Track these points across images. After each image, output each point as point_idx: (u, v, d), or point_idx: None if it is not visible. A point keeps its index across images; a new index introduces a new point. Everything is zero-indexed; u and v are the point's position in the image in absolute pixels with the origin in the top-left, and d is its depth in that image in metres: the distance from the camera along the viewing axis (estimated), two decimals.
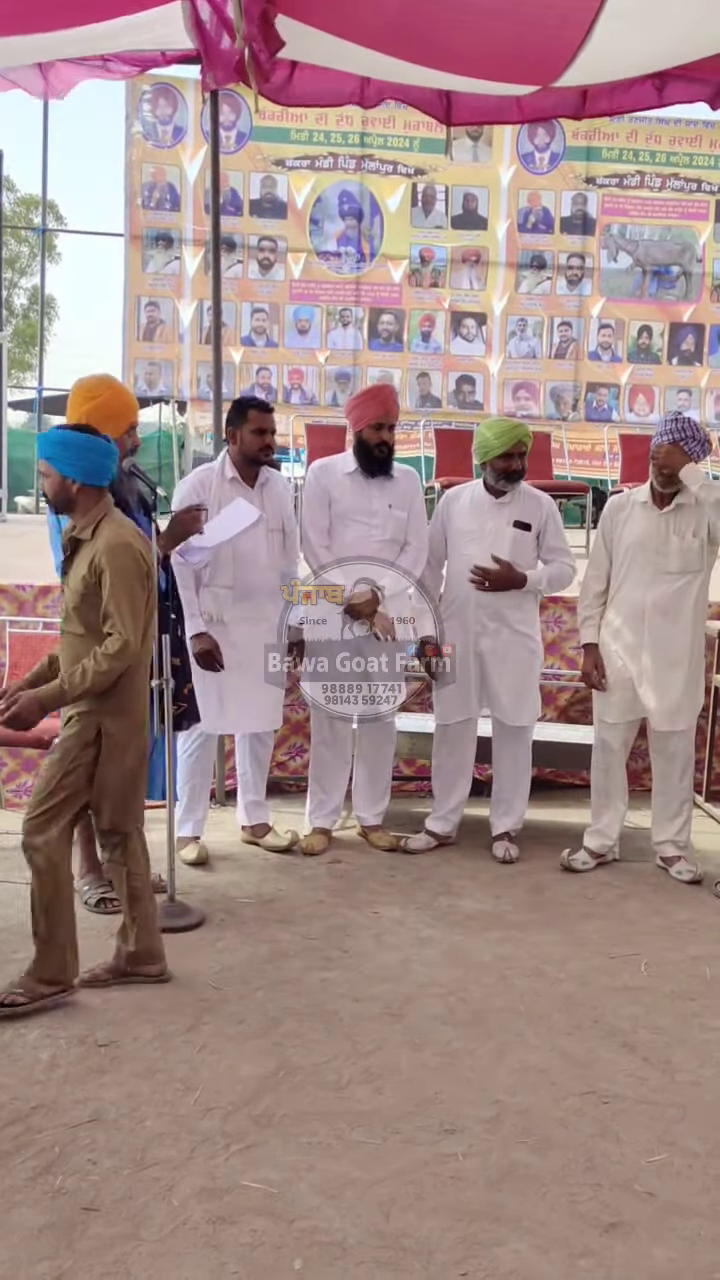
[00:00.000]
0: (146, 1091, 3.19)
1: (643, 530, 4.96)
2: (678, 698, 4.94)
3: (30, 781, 5.79)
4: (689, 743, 5.07)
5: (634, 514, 5.02)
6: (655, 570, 4.92)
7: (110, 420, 4.34)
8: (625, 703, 5.04)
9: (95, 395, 4.37)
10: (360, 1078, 3.30)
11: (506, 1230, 2.65)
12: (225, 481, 4.97)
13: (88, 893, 4.52)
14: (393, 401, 5.20)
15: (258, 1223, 2.64)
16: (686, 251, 13.70)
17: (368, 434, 5.06)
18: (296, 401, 13.25)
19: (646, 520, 4.97)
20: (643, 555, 4.95)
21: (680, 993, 3.94)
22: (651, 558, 4.93)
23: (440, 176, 13.27)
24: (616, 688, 5.03)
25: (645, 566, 4.94)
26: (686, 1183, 2.87)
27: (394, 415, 5.14)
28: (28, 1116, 3.05)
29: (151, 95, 12.66)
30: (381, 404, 5.10)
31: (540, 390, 13.61)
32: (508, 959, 4.15)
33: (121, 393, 4.46)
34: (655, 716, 4.97)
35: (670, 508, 4.93)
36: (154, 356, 13.14)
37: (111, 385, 4.45)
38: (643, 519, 4.99)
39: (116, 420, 4.34)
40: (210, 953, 4.12)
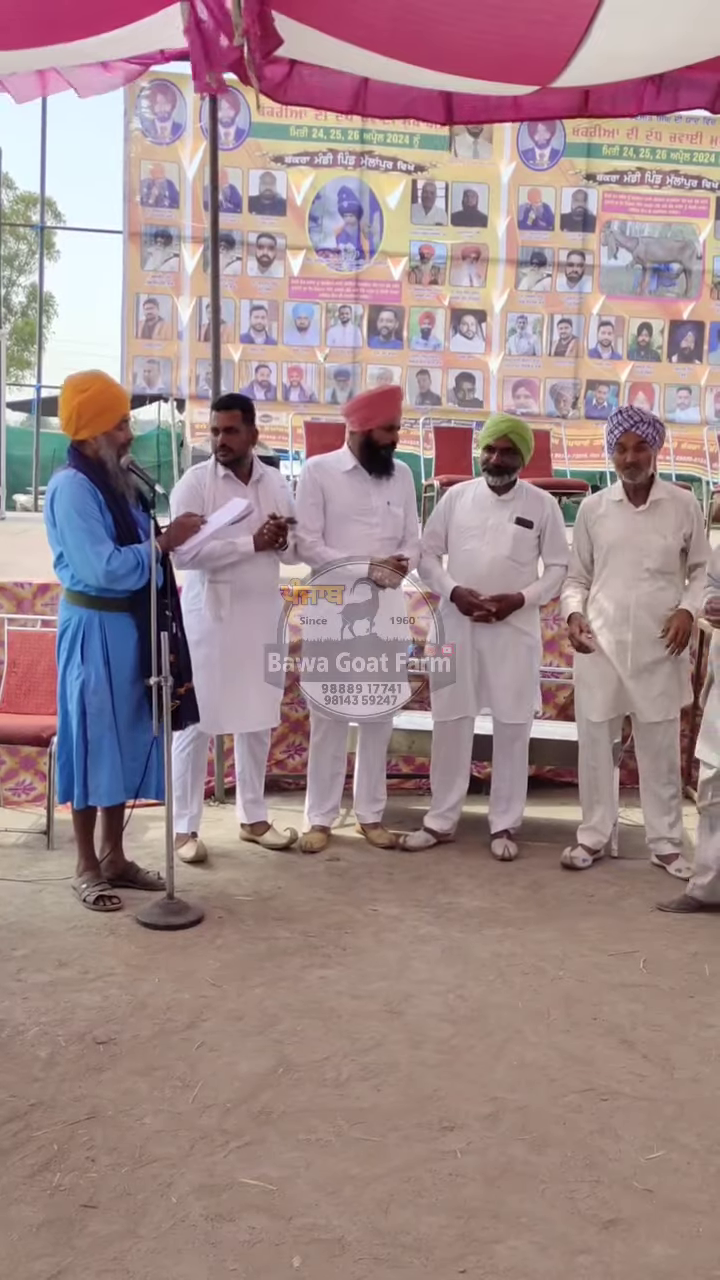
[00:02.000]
0: (145, 1089, 3.19)
1: (622, 530, 4.96)
2: (662, 688, 4.96)
3: (28, 780, 5.79)
4: (674, 736, 5.08)
5: (610, 513, 5.02)
6: (637, 569, 4.92)
7: (100, 414, 4.35)
8: (610, 700, 5.04)
9: (84, 389, 4.39)
10: (359, 1075, 3.30)
11: (505, 1227, 2.65)
12: (218, 479, 4.97)
13: (85, 890, 4.51)
14: (398, 402, 5.31)
15: (256, 1220, 2.65)
16: (687, 249, 13.67)
17: (379, 434, 5.06)
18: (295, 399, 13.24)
19: (624, 520, 4.97)
20: (624, 555, 4.95)
21: (679, 990, 3.94)
22: (633, 556, 4.93)
23: (440, 173, 13.24)
24: (601, 686, 5.03)
25: (627, 566, 4.94)
26: (685, 1179, 2.87)
27: (399, 417, 5.22)
28: (26, 1114, 3.05)
29: (150, 92, 12.63)
30: (396, 405, 5.21)
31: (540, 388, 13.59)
32: (507, 956, 4.15)
33: (110, 386, 4.46)
34: (641, 710, 4.97)
35: (646, 506, 4.94)
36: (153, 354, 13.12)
37: (100, 379, 4.46)
38: (620, 518, 4.99)
39: (106, 413, 4.36)
40: (209, 950, 4.12)
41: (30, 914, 4.40)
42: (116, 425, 4.38)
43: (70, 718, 4.42)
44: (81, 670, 4.37)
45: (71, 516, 4.28)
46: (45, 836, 5.17)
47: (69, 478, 4.33)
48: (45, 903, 4.51)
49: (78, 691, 4.37)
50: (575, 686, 5.25)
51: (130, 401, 4.58)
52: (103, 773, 4.39)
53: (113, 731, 4.38)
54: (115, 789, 4.42)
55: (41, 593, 5.90)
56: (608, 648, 4.97)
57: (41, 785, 5.61)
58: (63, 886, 4.63)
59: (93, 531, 4.27)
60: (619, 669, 4.97)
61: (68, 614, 4.45)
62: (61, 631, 4.48)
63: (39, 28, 4.90)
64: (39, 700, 5.44)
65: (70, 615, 4.43)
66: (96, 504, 4.31)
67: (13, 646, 5.64)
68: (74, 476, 4.33)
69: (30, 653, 5.58)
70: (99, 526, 4.28)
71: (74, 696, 4.39)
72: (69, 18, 4.85)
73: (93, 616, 4.38)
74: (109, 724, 4.37)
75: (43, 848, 5.13)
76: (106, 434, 4.36)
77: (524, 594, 5.08)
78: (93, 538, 4.26)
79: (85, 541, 4.26)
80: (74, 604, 4.42)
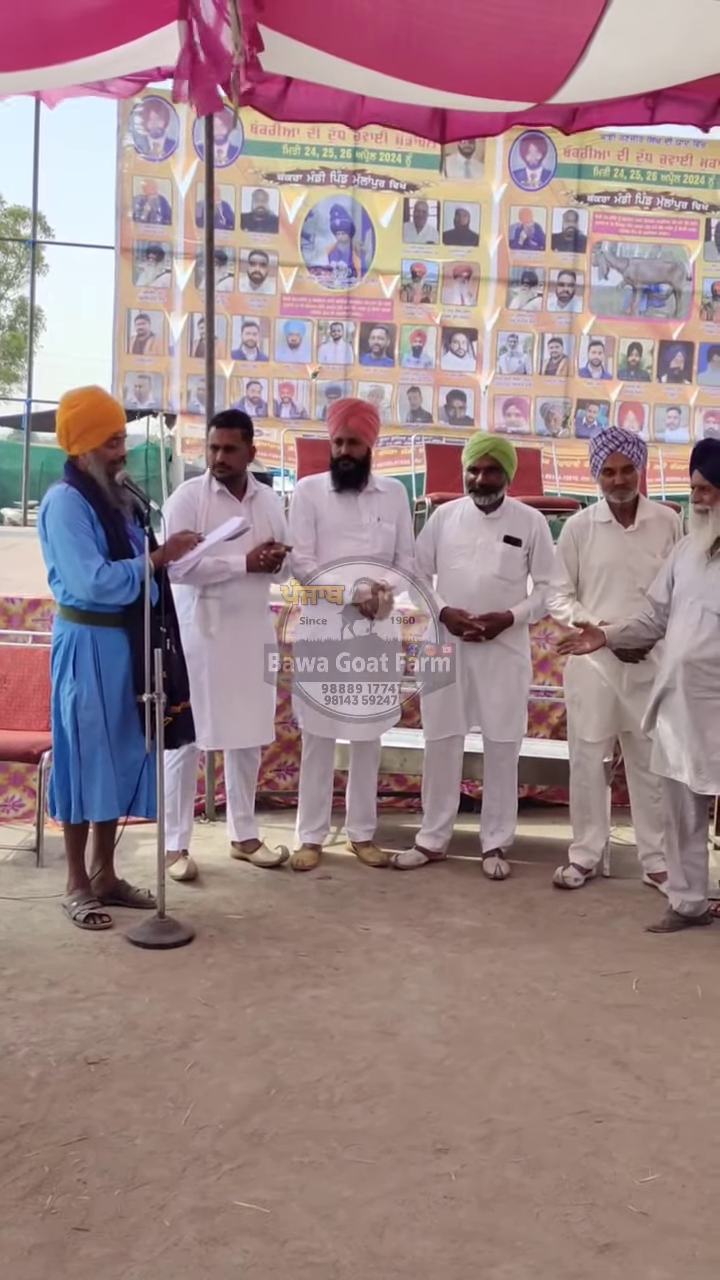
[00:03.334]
0: (137, 1110, 3.17)
1: (612, 551, 4.96)
2: None
3: (17, 796, 5.76)
4: None
5: (598, 535, 5.02)
6: (630, 590, 4.91)
7: (89, 430, 4.35)
8: (604, 721, 5.04)
9: (74, 405, 4.40)
10: (352, 1096, 3.28)
11: (500, 1251, 2.64)
12: (212, 495, 4.97)
13: (75, 908, 4.49)
14: (355, 415, 5.13)
15: (250, 1243, 2.62)
16: (676, 270, 13.75)
17: (332, 448, 5.08)
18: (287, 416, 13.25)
19: (613, 541, 4.98)
20: (616, 576, 4.95)
21: (672, 1010, 3.93)
22: (626, 577, 4.93)
23: (432, 192, 13.29)
24: (598, 707, 5.02)
25: (620, 587, 4.94)
26: (680, 1202, 2.86)
27: (355, 429, 5.06)
28: (17, 1135, 3.02)
29: (143, 108, 12.65)
30: (340, 419, 5.10)
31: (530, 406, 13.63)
32: (499, 976, 4.13)
33: (102, 401, 4.46)
34: (638, 725, 4.96)
35: (635, 526, 4.95)
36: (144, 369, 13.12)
37: (90, 395, 4.46)
38: (609, 540, 4.99)
39: (95, 430, 4.36)
40: (200, 969, 4.10)
41: (19, 932, 4.37)
42: (106, 442, 4.36)
43: (64, 733, 4.40)
44: (74, 685, 4.36)
45: (61, 530, 4.28)
46: (35, 854, 5.14)
47: (61, 492, 4.34)
48: (35, 921, 4.48)
49: (70, 706, 4.36)
50: (568, 706, 5.24)
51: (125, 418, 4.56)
52: (96, 788, 4.37)
53: (105, 746, 4.36)
54: (109, 804, 4.40)
55: (32, 608, 5.88)
56: (603, 667, 4.97)
57: (31, 802, 5.58)
58: (53, 904, 4.60)
59: (82, 545, 4.26)
60: (615, 688, 4.97)
61: (60, 629, 4.45)
62: (55, 647, 4.47)
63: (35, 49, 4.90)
64: (29, 716, 5.41)
65: (63, 631, 4.42)
66: (88, 518, 4.31)
67: (3, 662, 5.61)
68: (66, 491, 4.33)
69: (21, 668, 5.55)
70: (89, 540, 4.28)
71: (67, 712, 4.38)
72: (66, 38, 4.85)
73: (85, 632, 4.37)
74: (101, 738, 4.36)
75: (32, 865, 5.10)
76: (95, 450, 4.35)
77: (513, 612, 5.08)
78: (82, 551, 4.26)
79: (75, 555, 4.26)
80: (67, 619, 4.42)
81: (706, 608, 4.40)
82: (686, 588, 4.50)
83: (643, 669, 4.89)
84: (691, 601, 4.46)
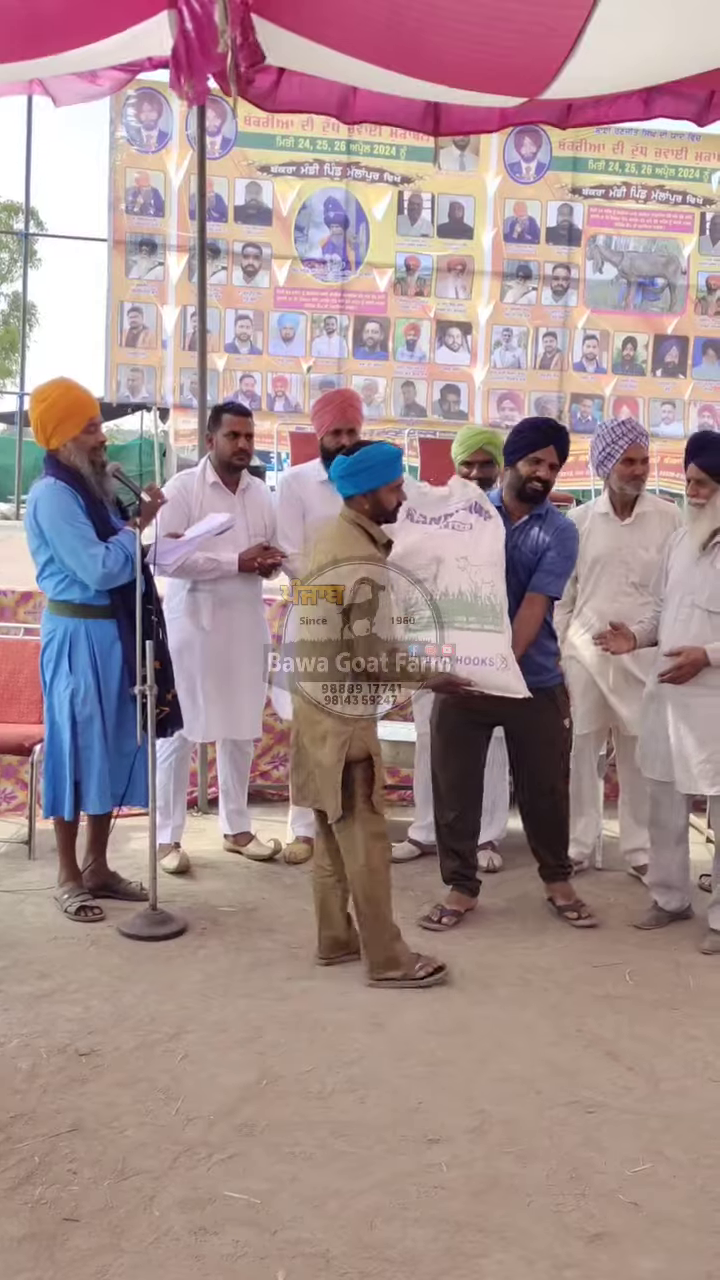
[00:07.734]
0: (127, 1101, 3.16)
1: (607, 544, 4.95)
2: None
3: (9, 789, 5.75)
4: None
5: (595, 527, 5.00)
6: (621, 583, 4.90)
7: (63, 420, 4.34)
8: (593, 713, 5.02)
9: (44, 398, 4.39)
10: (343, 1087, 3.28)
11: (491, 1241, 2.63)
12: (206, 486, 4.96)
13: (67, 901, 4.48)
14: (351, 406, 5.09)
15: (240, 1233, 2.62)
16: (671, 264, 13.75)
17: (327, 440, 4.99)
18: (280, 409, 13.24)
19: (609, 533, 4.96)
20: (609, 569, 4.94)
21: (663, 1002, 3.93)
22: (618, 570, 4.92)
23: (426, 185, 13.27)
24: (582, 699, 5.01)
25: (611, 579, 4.93)
26: (671, 1193, 2.86)
27: (351, 419, 5.00)
28: (7, 1126, 3.02)
29: (136, 100, 12.62)
30: (338, 409, 5.01)
31: (525, 400, 13.62)
32: (491, 967, 4.13)
33: (69, 391, 4.42)
34: (624, 722, 4.95)
35: (632, 519, 4.94)
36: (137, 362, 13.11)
37: (59, 386, 4.43)
38: (605, 532, 4.97)
39: (69, 419, 4.34)
40: (192, 961, 4.09)
41: (11, 924, 4.36)
42: (84, 430, 4.35)
43: (59, 728, 4.39)
44: (70, 680, 4.35)
45: (59, 524, 4.27)
46: (26, 846, 5.13)
47: (48, 486, 4.32)
48: (26, 913, 4.48)
49: (67, 701, 4.35)
50: None
51: (99, 405, 4.55)
52: (92, 781, 4.37)
53: (101, 739, 4.36)
54: (104, 797, 4.40)
55: (24, 600, 5.87)
56: (590, 661, 4.96)
57: (23, 794, 5.57)
58: (44, 897, 4.60)
59: (84, 535, 4.27)
60: (600, 682, 4.95)
61: (52, 625, 4.43)
62: (46, 642, 4.45)
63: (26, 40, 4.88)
64: (21, 709, 5.40)
65: (55, 626, 4.41)
66: (80, 508, 4.30)
67: None
68: (53, 484, 4.32)
69: (12, 661, 5.54)
70: (88, 529, 4.28)
71: (63, 706, 4.37)
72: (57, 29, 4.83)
73: (79, 625, 4.36)
74: (98, 732, 4.36)
75: (24, 857, 5.09)
76: (74, 439, 4.34)
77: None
78: (85, 541, 4.26)
79: (79, 546, 4.26)
80: (59, 614, 4.41)
81: (696, 604, 4.38)
82: (677, 583, 4.48)
83: (629, 663, 4.86)
84: (681, 597, 4.44)
